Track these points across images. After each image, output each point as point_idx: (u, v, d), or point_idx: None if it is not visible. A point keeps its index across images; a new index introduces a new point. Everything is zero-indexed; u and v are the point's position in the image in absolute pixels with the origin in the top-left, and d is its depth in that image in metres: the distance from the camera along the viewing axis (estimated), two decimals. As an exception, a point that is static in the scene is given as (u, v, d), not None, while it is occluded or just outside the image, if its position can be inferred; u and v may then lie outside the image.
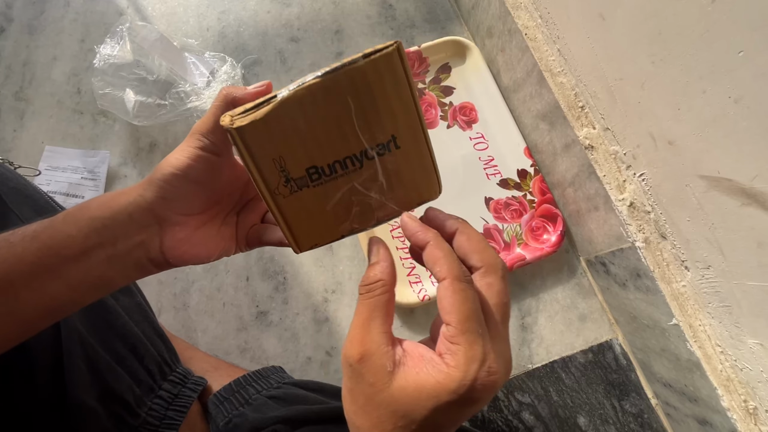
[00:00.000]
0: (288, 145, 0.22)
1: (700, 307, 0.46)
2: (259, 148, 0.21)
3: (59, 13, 0.73)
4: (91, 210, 0.25)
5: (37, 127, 0.67)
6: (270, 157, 0.22)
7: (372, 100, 0.21)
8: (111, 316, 0.39)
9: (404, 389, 0.20)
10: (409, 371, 0.20)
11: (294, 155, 0.22)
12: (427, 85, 0.68)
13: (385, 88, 0.21)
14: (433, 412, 0.19)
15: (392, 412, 0.20)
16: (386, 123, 0.22)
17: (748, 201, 0.37)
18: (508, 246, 0.62)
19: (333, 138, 0.22)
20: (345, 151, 0.22)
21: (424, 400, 0.19)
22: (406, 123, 0.22)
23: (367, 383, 0.20)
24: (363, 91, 0.21)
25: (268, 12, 0.74)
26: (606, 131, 0.51)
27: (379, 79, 0.21)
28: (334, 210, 0.23)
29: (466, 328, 0.20)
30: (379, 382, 0.20)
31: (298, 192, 0.22)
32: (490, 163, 0.65)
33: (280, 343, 0.59)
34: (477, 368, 0.19)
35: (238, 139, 0.21)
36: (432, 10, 0.75)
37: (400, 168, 0.23)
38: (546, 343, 0.61)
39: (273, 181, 0.22)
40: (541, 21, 0.56)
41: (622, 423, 0.58)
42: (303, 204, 0.23)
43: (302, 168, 0.22)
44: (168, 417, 0.41)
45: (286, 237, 0.24)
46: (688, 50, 0.38)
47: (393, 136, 0.22)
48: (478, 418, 0.57)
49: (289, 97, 0.21)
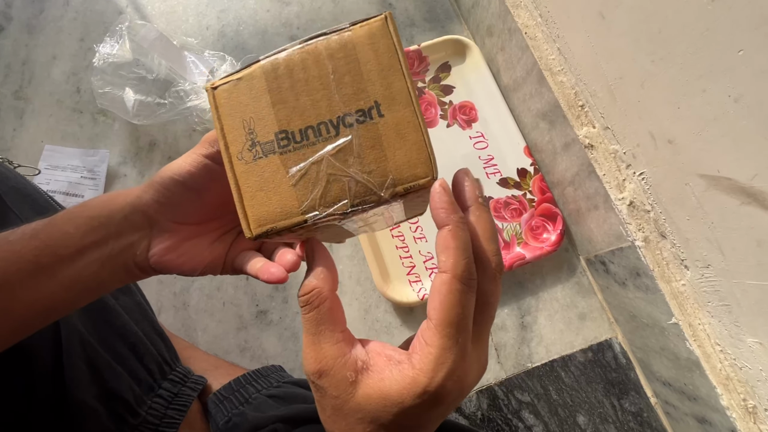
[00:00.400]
0: (260, 108, 0.20)
1: (699, 305, 0.46)
2: (230, 108, 0.20)
3: (58, 12, 0.73)
4: (90, 209, 0.25)
5: (37, 126, 0.67)
6: (241, 118, 0.20)
7: (356, 68, 0.20)
8: (111, 316, 0.39)
9: (369, 397, 0.19)
10: (372, 377, 0.19)
11: (265, 119, 0.20)
12: (426, 84, 0.68)
13: (372, 58, 0.20)
14: (400, 416, 0.19)
15: (359, 419, 0.19)
16: (369, 89, 0.20)
17: (748, 200, 0.37)
18: (507, 245, 0.62)
19: (308, 103, 0.20)
20: (319, 116, 0.20)
21: (390, 406, 0.19)
22: (394, 91, 0.20)
23: (331, 396, 0.20)
24: (347, 60, 0.20)
25: (268, 11, 0.74)
26: (606, 130, 0.51)
27: (366, 49, 0.20)
28: (299, 187, 0.20)
29: (446, 333, 0.19)
30: (343, 394, 0.19)
31: (262, 158, 0.20)
32: (489, 162, 0.65)
33: (279, 342, 0.59)
34: (444, 375, 0.18)
35: (212, 99, 0.20)
36: (432, 9, 0.75)
37: (383, 140, 0.20)
38: (545, 342, 0.61)
39: (238, 144, 0.20)
40: (541, 20, 0.56)
41: (622, 422, 0.58)
42: (264, 176, 0.20)
43: (271, 132, 0.20)
44: (168, 416, 0.41)
45: (240, 217, 0.20)
46: (687, 49, 0.38)
47: (376, 101, 0.20)
48: (477, 417, 0.57)
49: (269, 61, 0.20)
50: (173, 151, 0.67)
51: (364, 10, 0.74)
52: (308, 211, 0.20)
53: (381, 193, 0.19)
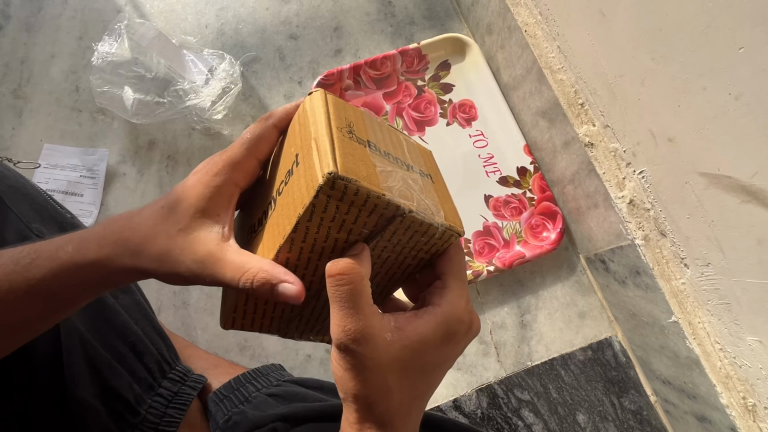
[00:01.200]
0: (357, 119, 0.25)
1: (699, 304, 0.46)
2: (336, 107, 0.24)
3: (57, 11, 0.73)
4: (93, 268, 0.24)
5: (36, 125, 0.67)
6: (343, 116, 0.24)
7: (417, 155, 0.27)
8: (110, 314, 0.39)
9: (406, 348, 0.22)
10: (407, 330, 0.22)
11: (360, 127, 0.24)
12: (426, 82, 0.68)
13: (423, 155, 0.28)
14: (434, 353, 0.23)
15: (397, 370, 0.22)
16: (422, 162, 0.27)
17: (748, 198, 0.37)
18: (507, 244, 0.62)
19: (389, 140, 0.26)
20: (396, 152, 0.25)
21: (426, 345, 0.22)
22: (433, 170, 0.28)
23: (369, 358, 0.21)
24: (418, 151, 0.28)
25: (267, 9, 0.74)
26: (606, 128, 0.51)
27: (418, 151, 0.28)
28: (382, 175, 0.22)
29: (461, 276, 0.24)
30: (383, 354, 0.21)
31: (356, 143, 0.23)
32: (489, 160, 0.65)
33: (279, 341, 0.59)
34: (464, 304, 0.23)
35: (323, 95, 0.24)
36: (431, 7, 0.75)
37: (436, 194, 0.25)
38: (545, 340, 0.61)
39: (340, 124, 0.23)
40: (541, 18, 0.56)
41: (622, 420, 0.58)
42: (356, 152, 0.22)
43: (364, 136, 0.24)
44: (168, 415, 0.41)
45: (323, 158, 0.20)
46: (688, 47, 0.37)
47: (429, 173, 0.26)
48: (477, 416, 0.57)
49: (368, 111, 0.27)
50: (172, 150, 0.67)
51: (363, 9, 0.74)
52: (387, 192, 0.21)
53: (437, 218, 0.23)
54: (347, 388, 0.22)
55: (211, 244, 0.23)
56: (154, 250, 0.23)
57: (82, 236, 0.24)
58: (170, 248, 0.23)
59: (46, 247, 0.24)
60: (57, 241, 0.24)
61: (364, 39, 0.73)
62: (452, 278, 0.24)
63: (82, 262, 0.23)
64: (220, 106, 0.62)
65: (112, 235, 0.23)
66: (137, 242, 0.23)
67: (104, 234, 0.23)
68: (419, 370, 0.23)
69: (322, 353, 0.59)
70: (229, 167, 0.24)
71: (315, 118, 0.23)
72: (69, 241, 0.24)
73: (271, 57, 0.71)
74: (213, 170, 0.24)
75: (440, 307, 0.23)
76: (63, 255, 0.23)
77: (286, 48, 0.72)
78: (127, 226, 0.24)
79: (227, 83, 0.63)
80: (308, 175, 0.21)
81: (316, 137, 0.22)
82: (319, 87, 0.65)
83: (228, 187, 0.24)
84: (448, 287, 0.24)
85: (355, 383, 0.22)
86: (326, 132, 0.22)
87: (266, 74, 0.70)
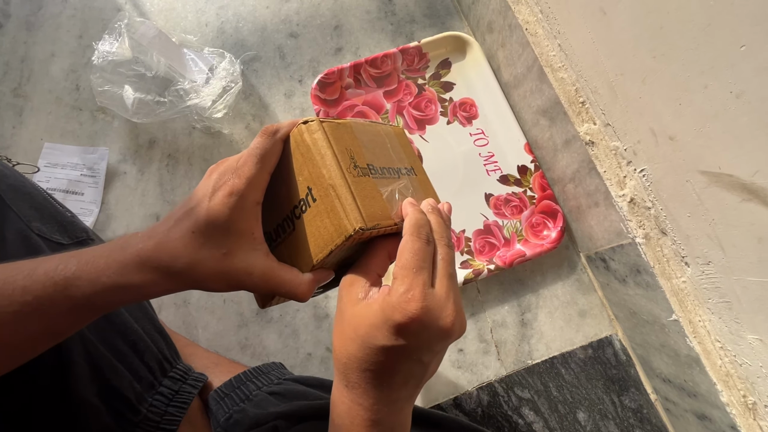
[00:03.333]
0: (355, 145, 0.28)
1: (699, 302, 0.46)
2: (337, 139, 0.28)
3: (57, 9, 0.73)
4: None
5: (36, 123, 0.67)
6: (344, 146, 0.28)
7: (395, 146, 0.32)
8: (111, 313, 0.39)
9: (359, 310, 0.26)
10: (369, 300, 0.26)
11: (359, 153, 0.28)
12: (427, 81, 0.68)
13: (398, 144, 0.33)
14: (370, 330, 0.25)
15: (348, 325, 0.26)
16: (404, 158, 0.33)
17: (749, 196, 0.37)
18: (508, 242, 0.62)
19: (381, 153, 0.30)
20: (389, 163, 0.30)
21: (365, 318, 0.25)
22: (415, 164, 0.34)
23: (343, 297, 0.27)
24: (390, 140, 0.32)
25: (267, 7, 0.74)
26: (607, 127, 0.51)
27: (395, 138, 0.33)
28: (387, 202, 0.28)
29: (404, 266, 0.25)
30: (349, 300, 0.26)
31: (361, 177, 0.27)
32: (490, 159, 0.65)
33: (280, 340, 0.59)
34: (398, 296, 0.25)
35: (320, 128, 0.27)
36: (432, 5, 0.74)
37: (421, 187, 0.33)
38: (546, 339, 0.61)
39: (345, 162, 0.27)
40: (542, 16, 0.55)
41: (622, 418, 0.58)
42: (366, 189, 0.27)
43: (364, 162, 0.28)
44: (169, 413, 0.41)
45: (349, 212, 0.26)
46: (689, 45, 0.37)
47: (411, 166, 0.33)
48: (477, 414, 0.57)
49: (353, 120, 0.30)
50: (173, 149, 0.67)
51: (363, 7, 0.74)
52: (395, 218, 0.28)
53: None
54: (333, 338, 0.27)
55: (260, 263, 0.26)
56: (203, 274, 0.25)
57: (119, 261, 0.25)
58: (221, 271, 0.25)
59: (85, 270, 0.25)
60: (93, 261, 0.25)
61: (364, 37, 0.72)
62: (398, 269, 0.26)
63: (127, 285, 0.25)
64: (220, 104, 0.62)
65: (150, 261, 0.25)
66: (181, 268, 0.25)
67: (141, 261, 0.25)
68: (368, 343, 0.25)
69: (322, 352, 0.59)
70: (250, 188, 0.26)
71: (323, 159, 0.27)
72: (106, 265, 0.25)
73: (272, 55, 0.71)
74: (236, 190, 0.25)
75: (384, 294, 0.25)
76: (106, 280, 0.24)
77: (287, 46, 0.72)
78: (164, 251, 0.25)
79: (227, 82, 0.63)
80: (335, 220, 0.26)
81: (333, 184, 0.26)
82: (320, 86, 0.65)
83: (253, 207, 0.26)
84: (395, 277, 0.26)
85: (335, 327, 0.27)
86: (340, 177, 0.26)
87: (266, 73, 0.70)
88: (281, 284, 0.27)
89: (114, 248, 0.25)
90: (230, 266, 0.25)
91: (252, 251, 0.26)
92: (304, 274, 0.28)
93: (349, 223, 0.26)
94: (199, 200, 0.26)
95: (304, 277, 0.28)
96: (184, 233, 0.25)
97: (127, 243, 0.25)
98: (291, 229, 0.28)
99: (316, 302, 0.61)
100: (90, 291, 0.24)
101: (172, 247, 0.25)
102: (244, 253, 0.26)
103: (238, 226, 0.26)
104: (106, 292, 0.25)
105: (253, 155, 0.26)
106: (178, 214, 0.26)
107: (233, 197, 0.25)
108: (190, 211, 0.25)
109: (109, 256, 0.25)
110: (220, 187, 0.26)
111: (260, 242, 0.27)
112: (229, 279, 0.26)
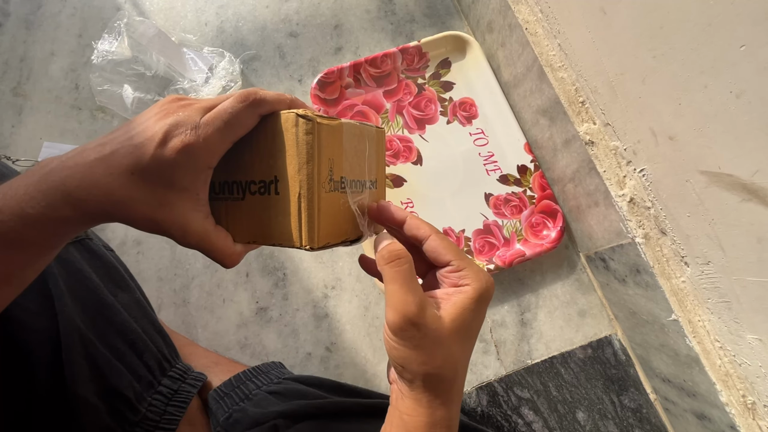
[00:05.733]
0: (339, 153, 0.27)
1: (699, 302, 0.46)
2: (325, 145, 0.26)
3: (56, 8, 0.73)
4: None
5: (35, 122, 0.67)
6: (328, 156, 0.26)
7: (371, 153, 0.31)
8: (110, 312, 0.39)
9: (455, 319, 0.25)
10: (448, 304, 0.26)
11: (339, 162, 0.27)
12: (426, 80, 0.68)
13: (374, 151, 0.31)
14: (475, 319, 0.26)
15: (455, 339, 0.25)
16: (374, 169, 0.31)
17: (749, 196, 0.37)
18: (507, 242, 0.62)
19: (356, 164, 0.29)
20: (361, 175, 0.30)
21: (469, 314, 0.26)
22: (380, 176, 0.32)
23: (431, 330, 0.25)
24: (370, 145, 0.30)
25: (267, 6, 0.74)
26: (606, 126, 0.51)
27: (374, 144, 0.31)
28: (343, 216, 0.28)
29: (462, 256, 0.27)
30: (439, 326, 0.25)
31: (333, 192, 0.27)
32: (490, 158, 0.65)
33: (279, 339, 0.59)
34: (485, 274, 0.27)
35: (315, 130, 0.25)
36: (432, 5, 0.74)
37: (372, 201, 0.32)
38: (545, 338, 0.61)
39: (324, 175, 0.26)
40: (542, 15, 0.55)
41: (621, 418, 0.58)
42: (335, 205, 0.27)
43: (339, 174, 0.27)
44: (168, 412, 0.41)
45: (305, 231, 0.26)
46: (689, 44, 0.37)
47: (374, 179, 0.31)
48: (477, 413, 0.57)
49: (348, 122, 0.28)
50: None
51: (363, 6, 0.74)
52: (348, 234, 0.29)
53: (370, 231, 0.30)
54: (417, 366, 0.25)
55: (197, 224, 0.25)
56: (133, 216, 0.23)
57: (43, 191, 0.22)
58: (153, 218, 0.24)
59: (7, 203, 0.22)
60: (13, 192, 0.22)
61: (364, 37, 0.72)
62: (459, 260, 0.27)
63: (59, 217, 0.23)
64: (220, 104, 0.62)
65: (77, 193, 0.22)
66: (111, 207, 0.23)
67: (67, 192, 0.22)
68: (469, 337, 0.26)
69: (322, 351, 0.59)
70: (207, 151, 0.24)
71: (302, 165, 0.25)
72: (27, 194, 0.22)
73: (271, 55, 0.71)
74: (191, 149, 0.23)
75: (477, 283, 0.26)
76: (32, 212, 0.22)
77: (286, 46, 0.72)
78: (95, 186, 0.22)
79: (227, 81, 0.63)
80: (289, 226, 0.26)
81: (303, 194, 0.26)
82: (319, 85, 0.65)
83: (204, 170, 0.25)
84: (467, 266, 0.27)
85: (425, 358, 0.25)
86: (313, 192, 0.26)
87: (266, 72, 0.70)
88: (212, 249, 0.26)
89: (34, 174, 0.23)
90: (165, 217, 0.24)
91: (192, 211, 0.24)
92: (236, 245, 0.27)
93: (302, 239, 0.26)
94: (145, 140, 0.23)
95: (236, 247, 0.27)
96: (122, 171, 0.22)
97: (49, 169, 0.23)
98: (239, 197, 0.27)
99: (315, 302, 0.61)
100: (18, 225, 0.22)
101: (103, 183, 0.22)
102: (183, 210, 0.24)
103: (183, 183, 0.24)
104: (37, 224, 0.22)
105: (222, 120, 0.24)
106: (114, 144, 0.23)
107: (185, 155, 0.23)
108: (132, 148, 0.23)
109: (29, 185, 0.22)
110: (173, 136, 0.23)
111: (203, 203, 0.25)
112: (159, 227, 0.24)
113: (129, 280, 0.44)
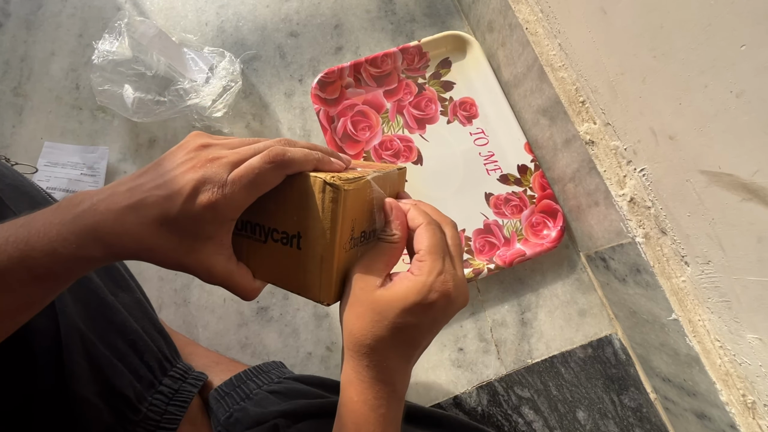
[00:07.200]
0: (362, 212, 0.28)
1: (699, 302, 0.46)
2: (350, 208, 0.27)
3: (57, 8, 0.73)
4: None
5: (36, 122, 0.67)
6: (351, 217, 0.27)
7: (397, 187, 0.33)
8: (110, 312, 0.39)
9: (383, 296, 0.27)
10: (389, 286, 0.27)
11: (360, 220, 0.28)
12: (427, 80, 0.68)
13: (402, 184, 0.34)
14: (401, 312, 0.26)
15: (372, 310, 0.27)
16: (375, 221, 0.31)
17: (749, 196, 0.37)
18: (508, 241, 0.62)
19: (368, 216, 0.29)
20: (371, 227, 0.30)
21: (396, 301, 0.26)
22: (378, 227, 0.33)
23: (358, 288, 0.27)
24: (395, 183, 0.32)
25: (267, 6, 0.74)
26: (607, 126, 0.51)
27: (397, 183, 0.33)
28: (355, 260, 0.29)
29: (432, 251, 0.28)
30: (367, 289, 0.27)
31: (352, 249, 0.28)
32: (490, 158, 0.65)
33: (280, 339, 0.59)
34: (435, 277, 0.27)
35: (342, 198, 0.26)
36: (432, 5, 0.74)
37: None
38: (545, 338, 0.61)
39: (345, 236, 0.27)
40: (542, 15, 0.55)
41: (621, 417, 0.58)
42: (349, 260, 0.28)
43: (359, 231, 0.28)
44: (169, 412, 0.41)
45: (324, 288, 0.27)
46: (689, 44, 0.37)
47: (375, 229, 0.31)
48: (477, 413, 0.58)
49: (373, 177, 0.29)
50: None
51: (363, 6, 0.74)
52: None
53: None
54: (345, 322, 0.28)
55: (221, 266, 0.26)
56: (161, 258, 0.25)
57: (75, 233, 0.23)
58: (180, 263, 0.25)
59: (39, 241, 0.23)
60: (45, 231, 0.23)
61: (364, 36, 0.72)
62: (426, 254, 0.28)
63: (88, 257, 0.24)
64: (220, 104, 0.62)
65: (109, 237, 0.24)
66: (141, 251, 0.24)
67: (99, 236, 0.24)
68: (393, 322, 0.27)
69: (322, 351, 0.59)
70: (232, 208, 0.25)
71: (325, 230, 0.26)
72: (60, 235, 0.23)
73: (272, 55, 0.71)
74: (217, 207, 0.24)
75: (415, 276, 0.27)
76: (64, 252, 0.23)
77: (287, 46, 0.72)
78: (125, 233, 0.24)
79: (227, 81, 0.63)
80: (308, 281, 0.28)
81: (324, 256, 0.27)
82: (320, 85, 0.65)
83: (229, 222, 0.26)
84: (424, 260, 0.27)
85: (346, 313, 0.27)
86: (334, 254, 0.27)
87: (267, 72, 0.70)
88: (234, 286, 0.28)
89: (65, 215, 0.24)
90: (191, 262, 0.25)
91: (216, 254, 0.26)
92: (256, 281, 0.29)
93: (320, 296, 0.28)
94: (173, 193, 0.24)
95: (256, 284, 0.29)
96: (151, 221, 0.24)
97: (81, 211, 0.24)
98: (261, 239, 0.28)
99: (316, 301, 0.61)
100: (48, 262, 0.23)
101: (134, 231, 0.24)
102: (208, 254, 0.26)
103: (208, 233, 0.25)
104: (67, 263, 0.24)
105: (249, 179, 0.25)
106: (143, 192, 0.24)
107: (212, 211, 0.24)
108: (161, 199, 0.24)
109: (62, 225, 0.23)
110: (200, 192, 0.24)
111: (226, 247, 0.27)
112: (185, 269, 0.26)
113: (129, 280, 0.44)
